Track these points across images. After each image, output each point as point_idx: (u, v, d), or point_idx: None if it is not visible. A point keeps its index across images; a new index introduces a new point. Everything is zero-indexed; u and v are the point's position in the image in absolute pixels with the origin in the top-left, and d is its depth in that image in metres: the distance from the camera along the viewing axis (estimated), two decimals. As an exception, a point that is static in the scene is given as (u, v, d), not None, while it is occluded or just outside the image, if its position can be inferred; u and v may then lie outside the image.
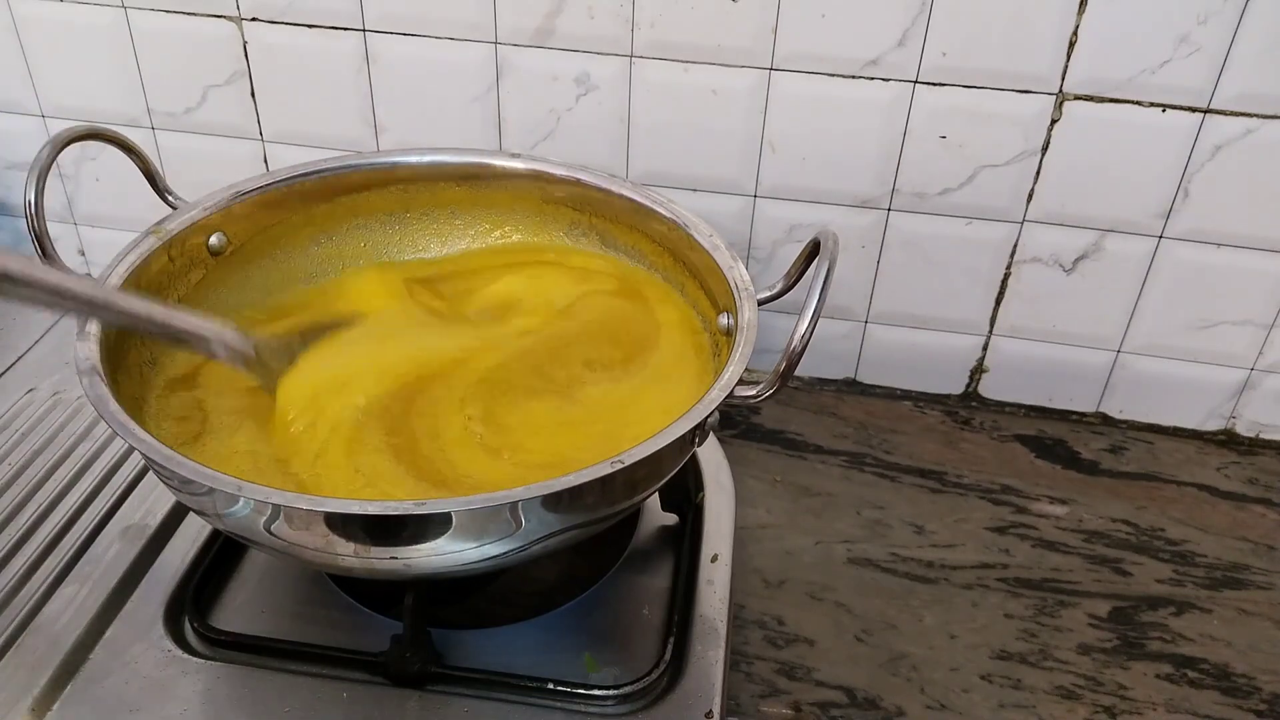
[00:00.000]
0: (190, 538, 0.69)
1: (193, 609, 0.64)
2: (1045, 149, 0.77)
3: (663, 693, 0.61)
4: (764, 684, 0.65)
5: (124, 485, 0.74)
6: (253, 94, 0.86)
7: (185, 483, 0.52)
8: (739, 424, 0.86)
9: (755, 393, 0.56)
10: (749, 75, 0.78)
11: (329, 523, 0.50)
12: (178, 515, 0.71)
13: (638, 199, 0.71)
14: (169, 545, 0.69)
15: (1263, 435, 0.87)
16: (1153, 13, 0.70)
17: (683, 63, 0.78)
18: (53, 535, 0.69)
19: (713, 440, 0.80)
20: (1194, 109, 0.74)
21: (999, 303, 0.85)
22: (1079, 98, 0.75)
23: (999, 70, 0.74)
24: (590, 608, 0.67)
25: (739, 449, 0.83)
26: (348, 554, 0.52)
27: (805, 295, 0.54)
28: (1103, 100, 0.74)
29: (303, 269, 0.74)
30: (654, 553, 0.71)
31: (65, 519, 0.71)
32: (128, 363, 0.61)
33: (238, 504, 0.51)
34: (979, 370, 0.89)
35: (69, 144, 0.63)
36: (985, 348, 0.88)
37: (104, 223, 0.96)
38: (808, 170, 0.81)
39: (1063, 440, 0.87)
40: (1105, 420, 0.89)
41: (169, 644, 0.63)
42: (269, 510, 0.51)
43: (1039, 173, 0.78)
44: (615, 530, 0.70)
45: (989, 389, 0.90)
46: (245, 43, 0.83)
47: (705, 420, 0.54)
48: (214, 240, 0.68)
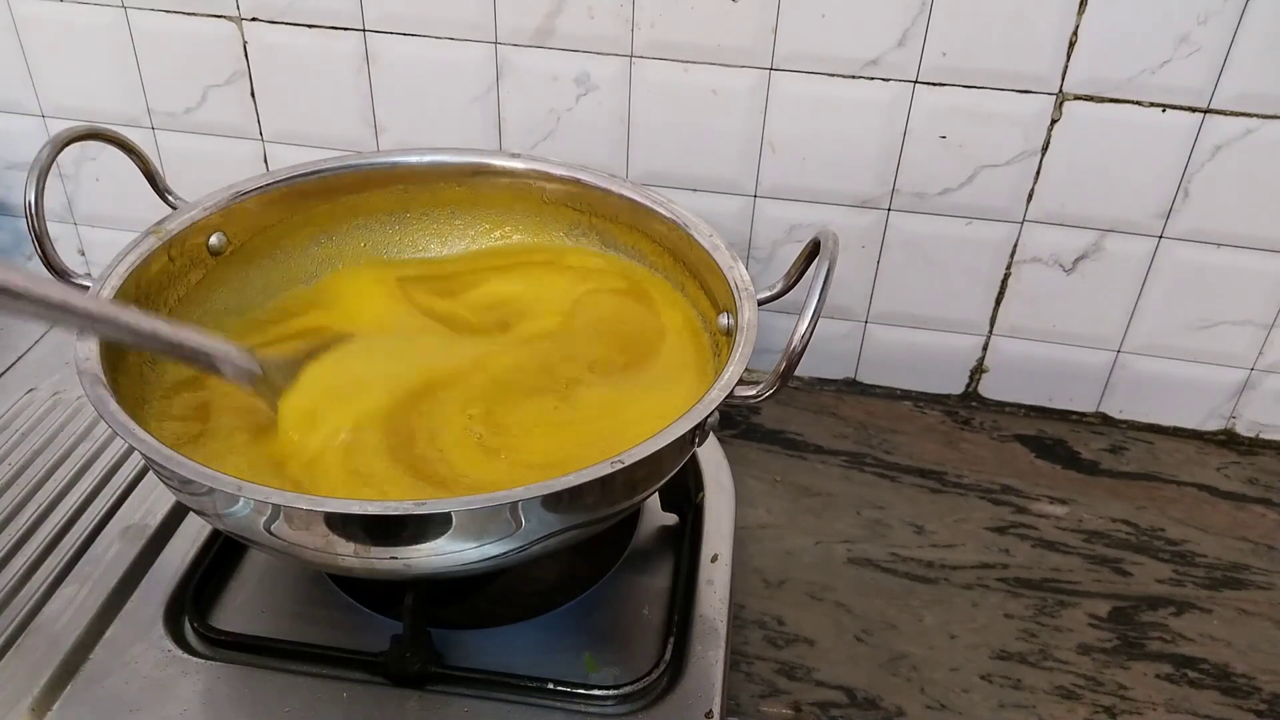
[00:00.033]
0: (190, 538, 0.69)
1: (193, 609, 0.64)
2: (1045, 149, 0.77)
3: (663, 693, 0.61)
4: (764, 684, 0.65)
5: (124, 485, 0.74)
6: (253, 94, 0.86)
7: (185, 483, 0.52)
8: (739, 424, 0.86)
9: (755, 393, 0.56)
10: (749, 75, 0.78)
11: (329, 523, 0.50)
12: (178, 515, 0.71)
13: (638, 199, 0.71)
14: (169, 545, 0.69)
15: (1263, 435, 0.87)
16: (1153, 13, 0.70)
17: (683, 63, 0.78)
18: (53, 535, 0.69)
19: (713, 440, 0.80)
20: (1194, 109, 0.74)
21: (999, 303, 0.85)
22: (1079, 98, 0.75)
23: (999, 70, 0.74)
24: (590, 608, 0.67)
25: (739, 449, 0.83)
26: (348, 554, 0.52)
27: (805, 295, 0.54)
28: (1103, 100, 0.74)
29: (303, 269, 0.74)
30: (654, 553, 0.71)
31: (65, 519, 0.71)
32: (128, 363, 0.61)
33: (238, 504, 0.51)
34: (979, 370, 0.89)
35: (69, 144, 0.63)
36: (985, 348, 0.88)
37: (104, 223, 0.96)
38: (808, 170, 0.81)
39: (1063, 440, 0.87)
40: (1105, 420, 0.89)
41: (169, 644, 0.63)
42: (269, 510, 0.51)
43: (1039, 173, 0.78)
44: (615, 530, 0.70)
45: (989, 389, 0.90)
46: (245, 43, 0.83)
47: (705, 420, 0.54)
48: (214, 240, 0.69)
